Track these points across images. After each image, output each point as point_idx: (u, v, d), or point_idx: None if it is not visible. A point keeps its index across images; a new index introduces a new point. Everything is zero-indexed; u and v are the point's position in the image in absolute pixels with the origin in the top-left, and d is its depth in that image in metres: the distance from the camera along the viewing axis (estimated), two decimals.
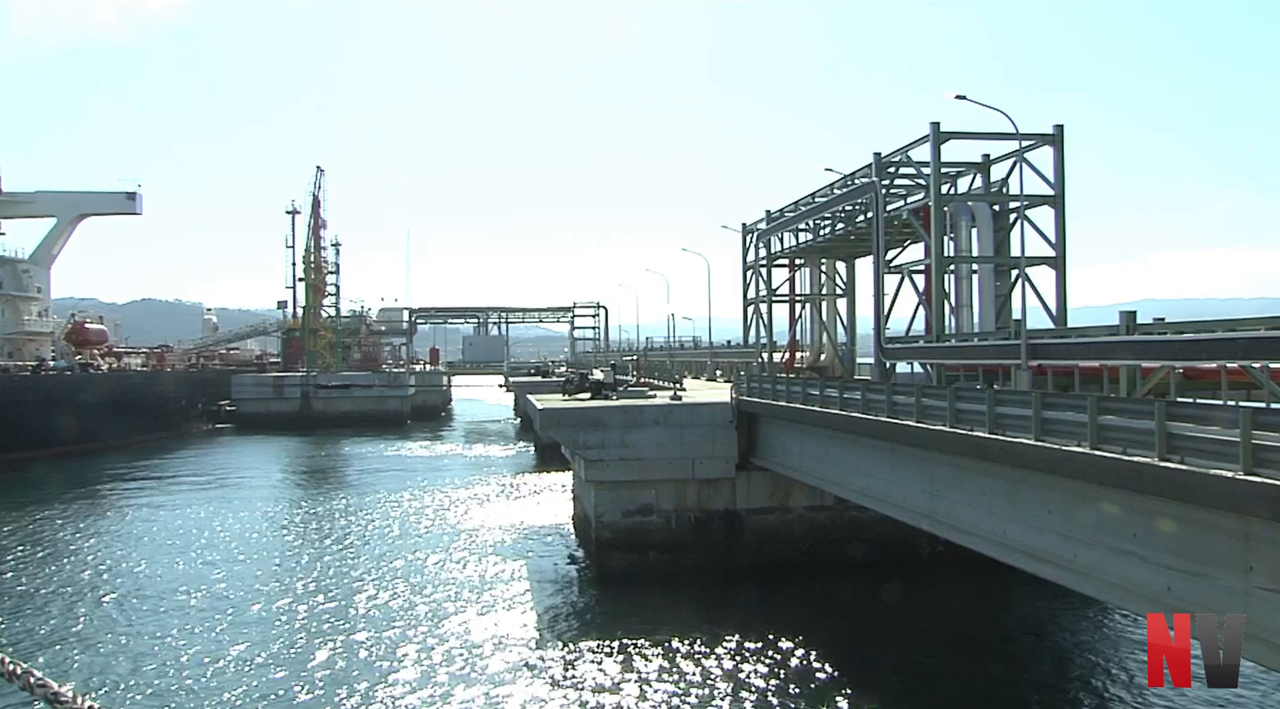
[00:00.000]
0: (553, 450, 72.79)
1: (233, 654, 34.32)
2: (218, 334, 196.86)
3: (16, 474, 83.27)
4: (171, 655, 34.54)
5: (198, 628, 37.97)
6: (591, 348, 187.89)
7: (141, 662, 33.82)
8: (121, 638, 36.92)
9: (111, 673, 32.46)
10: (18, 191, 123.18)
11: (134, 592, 44.16)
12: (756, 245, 74.44)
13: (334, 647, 35.05)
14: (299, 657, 33.98)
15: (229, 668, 32.88)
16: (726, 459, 47.46)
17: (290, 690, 30.59)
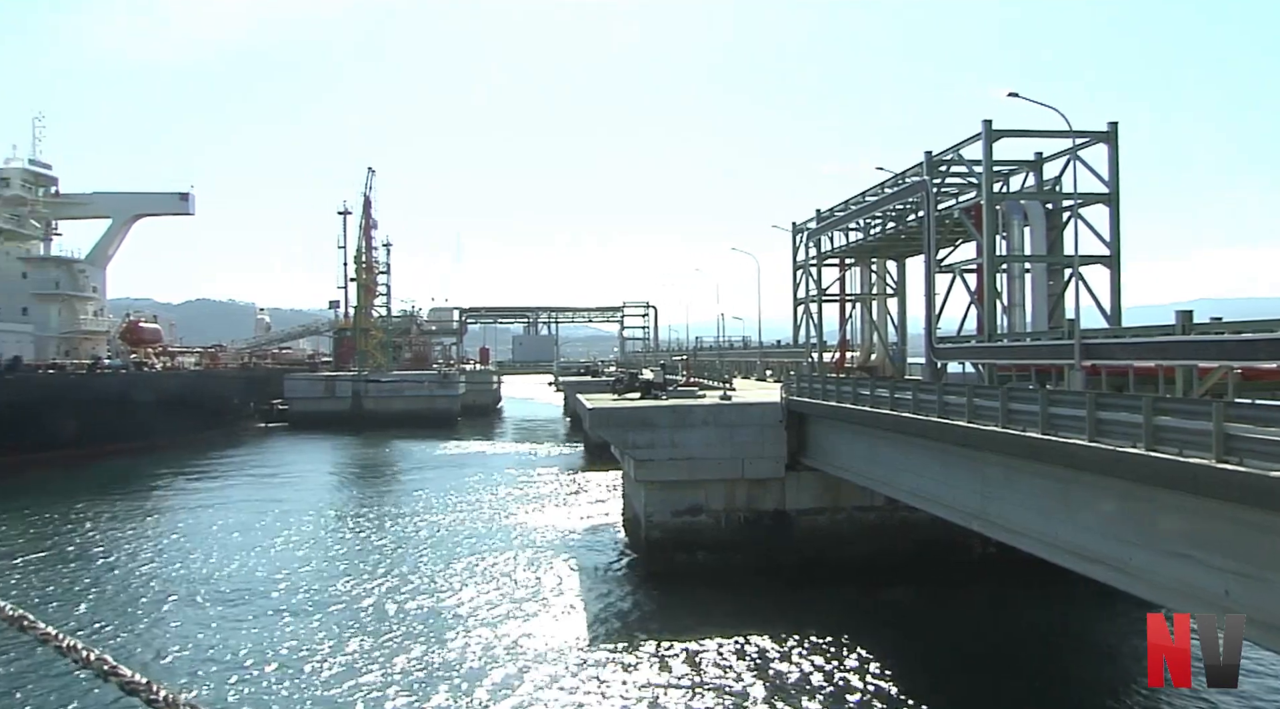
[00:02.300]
0: (602, 450, 72.89)
1: (286, 647, 34.78)
2: (270, 334, 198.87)
3: (73, 471, 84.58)
4: (230, 647, 35.09)
5: (254, 621, 38.52)
6: (641, 347, 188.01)
7: (202, 653, 34.41)
8: (181, 629, 37.66)
9: (174, 663, 32.94)
10: (74, 193, 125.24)
11: (192, 586, 44.79)
12: (806, 245, 74.25)
13: (385, 642, 35.31)
14: (351, 651, 34.22)
15: (282, 660, 33.29)
16: (776, 459, 47.30)
17: (341, 684, 30.84)
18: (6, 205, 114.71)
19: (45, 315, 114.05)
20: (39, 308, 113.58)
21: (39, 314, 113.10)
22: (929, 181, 51.69)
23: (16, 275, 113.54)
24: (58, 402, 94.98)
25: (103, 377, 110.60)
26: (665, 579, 44.28)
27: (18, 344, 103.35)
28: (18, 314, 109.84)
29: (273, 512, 64.90)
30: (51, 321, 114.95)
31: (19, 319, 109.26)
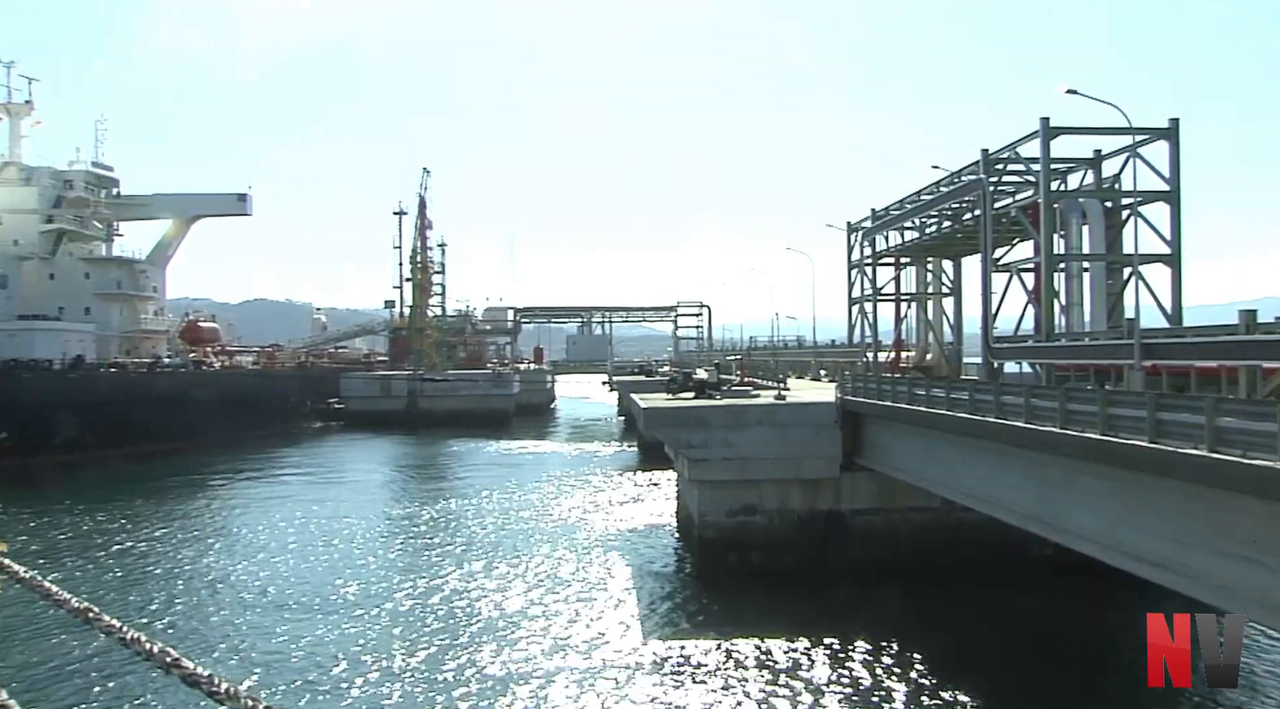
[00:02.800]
0: (656, 449, 72.87)
1: (344, 642, 35.22)
2: (327, 333, 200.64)
3: (133, 468, 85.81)
4: (289, 642, 35.65)
5: (313, 617, 39.04)
6: (695, 347, 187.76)
7: (262, 648, 34.96)
8: (241, 624, 38.32)
9: (234, 656, 33.38)
10: (135, 195, 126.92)
11: (252, 582, 45.55)
12: (861, 244, 73.80)
13: (439, 640, 35.54)
14: (405, 648, 34.48)
15: (340, 655, 33.71)
16: (831, 459, 47.07)
17: (394, 681, 31.07)
18: (70, 207, 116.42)
19: (107, 315, 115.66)
20: (101, 307, 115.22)
21: (101, 314, 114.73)
22: (985, 180, 51.21)
23: (79, 276, 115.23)
24: (119, 400, 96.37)
25: (163, 375, 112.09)
26: (719, 579, 44.20)
27: (80, 343, 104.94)
28: (80, 314, 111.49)
29: (330, 510, 65.51)
30: (113, 321, 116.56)
31: (82, 319, 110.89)
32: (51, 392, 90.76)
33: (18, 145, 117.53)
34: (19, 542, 51.95)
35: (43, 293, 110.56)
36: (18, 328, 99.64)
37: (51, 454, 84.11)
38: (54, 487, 73.56)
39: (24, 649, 33.21)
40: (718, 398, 58.42)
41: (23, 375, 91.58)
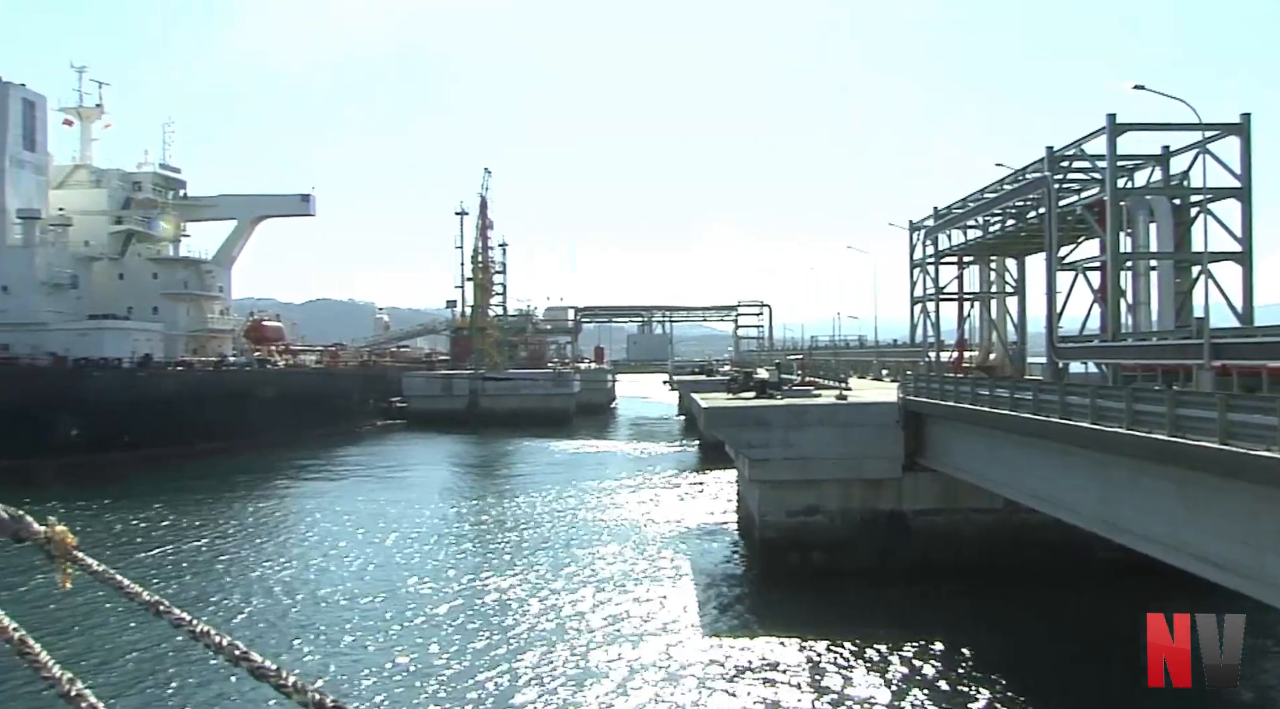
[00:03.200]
0: (717, 449, 72.80)
1: (405, 638, 35.66)
2: (389, 333, 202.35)
3: (199, 465, 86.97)
4: (352, 637, 36.14)
5: (376, 613, 39.49)
6: (755, 347, 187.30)
7: (327, 643, 35.47)
8: (305, 619, 38.91)
9: (299, 650, 33.77)
10: (201, 196, 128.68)
11: (318, 579, 46.21)
12: (924, 243, 73.21)
13: (500, 637, 35.76)
14: (465, 644, 34.78)
15: (402, 650, 34.08)
16: (892, 459, 46.77)
17: (454, 676, 31.29)
18: (139, 208, 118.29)
19: (174, 314, 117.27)
20: (168, 307, 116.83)
21: (168, 313, 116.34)
22: (1050, 177, 50.59)
23: (147, 276, 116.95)
24: (186, 398, 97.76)
25: (228, 374, 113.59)
26: (780, 579, 44.08)
27: (148, 342, 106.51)
28: (149, 313, 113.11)
29: (393, 507, 66.06)
30: (180, 320, 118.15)
31: (150, 318, 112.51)
32: (120, 390, 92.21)
33: (88, 148, 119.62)
34: (90, 535, 52.87)
35: (112, 293, 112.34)
36: (88, 327, 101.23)
37: (120, 451, 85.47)
38: (122, 483, 74.82)
39: (96, 640, 33.84)
40: (779, 397, 58.23)
41: (93, 374, 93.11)
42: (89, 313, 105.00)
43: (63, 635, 32.88)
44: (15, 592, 33.75)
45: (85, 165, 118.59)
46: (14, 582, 34.85)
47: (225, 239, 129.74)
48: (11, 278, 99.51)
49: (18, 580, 35.15)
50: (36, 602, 34.15)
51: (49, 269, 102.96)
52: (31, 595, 34.62)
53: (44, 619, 32.75)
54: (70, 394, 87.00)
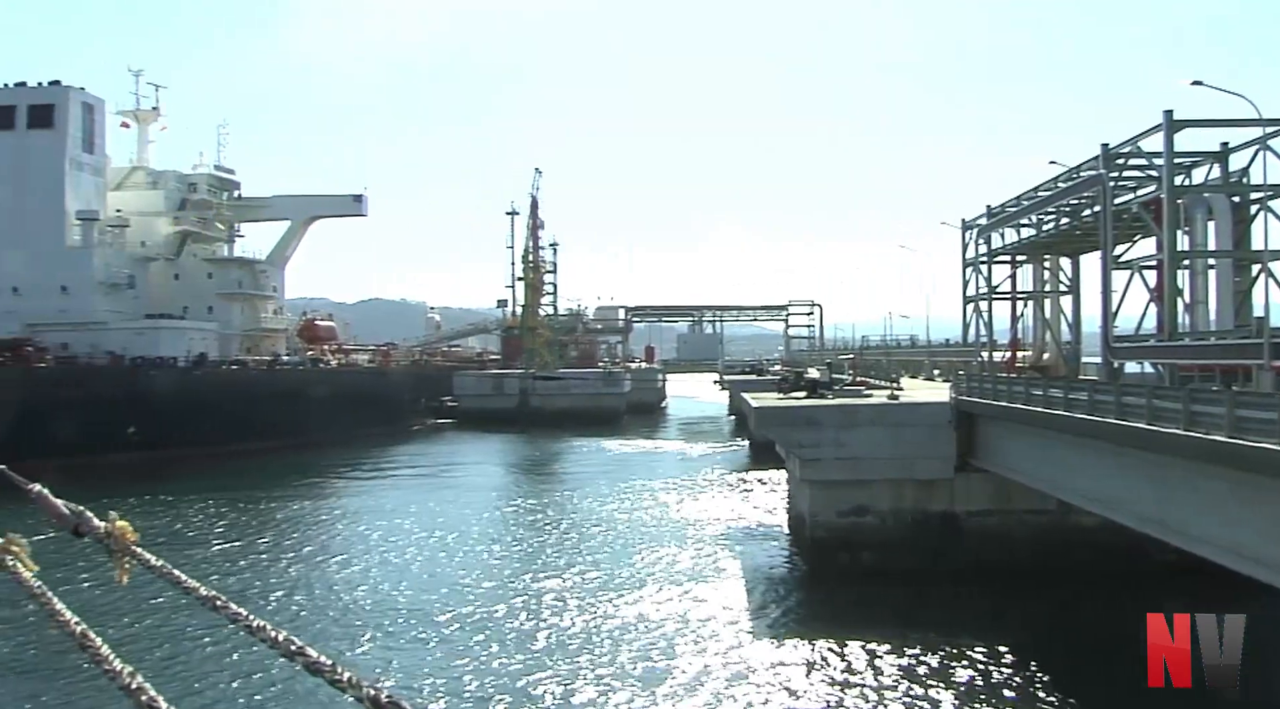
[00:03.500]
0: (767, 448, 72.62)
1: (454, 635, 35.91)
2: (440, 332, 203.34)
3: (254, 463, 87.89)
4: (403, 633, 36.50)
5: (427, 610, 39.72)
6: (806, 346, 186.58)
7: (379, 639, 35.69)
8: (359, 615, 39.25)
9: (352, 646, 34.02)
10: (255, 197, 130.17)
11: (371, 575, 46.64)
12: (976, 241, 72.60)
13: (550, 633, 35.92)
14: (516, 641, 34.94)
15: (450, 647, 34.37)
16: (944, 460, 46.43)
17: (504, 673, 31.42)
18: (194, 209, 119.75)
19: (229, 314, 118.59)
20: (223, 306, 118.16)
21: (223, 312, 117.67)
22: (1105, 175, 50.02)
23: (203, 276, 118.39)
24: (240, 397, 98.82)
25: (282, 373, 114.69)
26: (830, 579, 43.92)
27: (204, 341, 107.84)
28: (204, 313, 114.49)
29: (444, 506, 66.47)
30: (234, 320, 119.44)
31: (205, 317, 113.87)
32: (176, 388, 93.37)
33: (145, 150, 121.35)
34: (147, 531, 53.36)
35: (168, 292, 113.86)
36: (145, 326, 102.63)
37: (176, 449, 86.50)
38: (177, 480, 75.70)
39: (154, 634, 34.32)
40: (830, 397, 58.00)
41: (149, 372, 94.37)
42: (146, 312, 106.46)
43: (122, 629, 33.36)
44: (76, 586, 34.21)
45: (142, 167, 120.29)
46: (74, 577, 35.32)
47: (279, 239, 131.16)
48: (71, 278, 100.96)
49: (78, 575, 35.63)
50: (96, 596, 34.67)
51: (107, 269, 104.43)
52: (92, 590, 35.12)
53: (103, 613, 33.25)
54: (128, 393, 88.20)
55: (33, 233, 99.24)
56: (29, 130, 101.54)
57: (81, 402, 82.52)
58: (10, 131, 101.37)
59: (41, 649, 32.39)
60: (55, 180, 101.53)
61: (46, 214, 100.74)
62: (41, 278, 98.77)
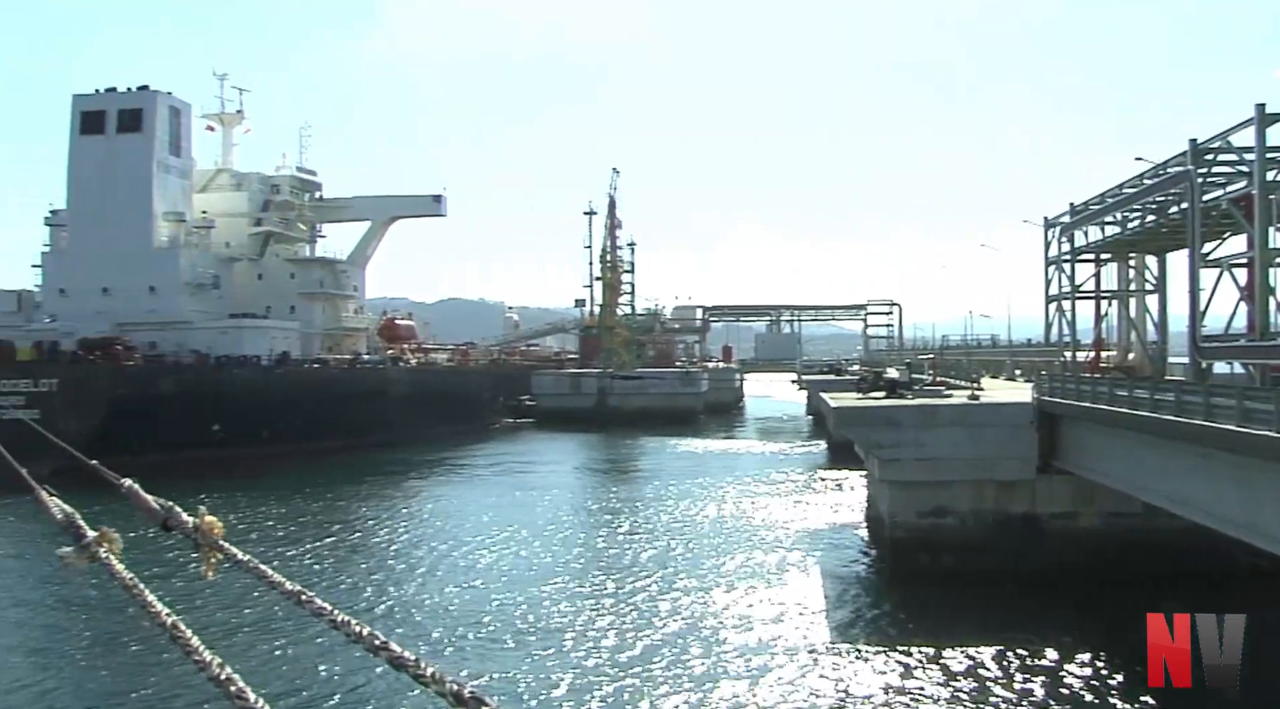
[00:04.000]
0: (846, 448, 72.16)
1: (533, 633, 36.07)
2: (518, 332, 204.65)
3: (334, 460, 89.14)
4: (484, 629, 36.84)
5: (507, 607, 40.04)
6: (885, 346, 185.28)
7: (460, 634, 36.02)
8: (440, 610, 39.67)
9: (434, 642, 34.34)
10: (336, 198, 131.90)
11: (452, 572, 47.16)
12: (1059, 240, 71.53)
13: (628, 633, 35.92)
14: (594, 639, 35.00)
15: (530, 644, 34.55)
16: (1026, 461, 45.79)
17: (583, 670, 31.53)
18: (277, 210, 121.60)
19: (310, 313, 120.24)
20: (305, 306, 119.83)
21: (305, 312, 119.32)
22: (1193, 172, 49.02)
23: (285, 276, 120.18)
24: (321, 395, 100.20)
25: (362, 372, 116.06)
26: (909, 581, 43.50)
27: (286, 340, 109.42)
28: (286, 312, 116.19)
29: (522, 504, 66.86)
30: (316, 319, 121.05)
31: (287, 317, 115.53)
32: (259, 386, 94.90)
33: (229, 153, 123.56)
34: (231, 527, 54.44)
35: (251, 292, 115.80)
36: (229, 325, 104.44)
37: (260, 446, 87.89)
38: (260, 477, 76.98)
39: (240, 627, 34.87)
40: (909, 397, 57.50)
41: (233, 371, 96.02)
42: (230, 312, 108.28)
43: (209, 622, 33.96)
44: (165, 579, 34.88)
45: (227, 169, 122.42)
46: (164, 570, 36.06)
47: (359, 239, 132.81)
48: (159, 278, 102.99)
49: (167, 569, 36.36)
50: (184, 589, 35.31)
51: (193, 270, 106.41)
52: (180, 583, 35.80)
53: (192, 606, 33.84)
54: (213, 391, 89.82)
55: (122, 234, 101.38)
56: (118, 134, 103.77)
57: (168, 399, 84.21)
58: (100, 136, 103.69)
59: (134, 639, 33.15)
60: (143, 183, 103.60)
61: (135, 216, 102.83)
62: (130, 278, 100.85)
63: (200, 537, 4.85)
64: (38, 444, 20.47)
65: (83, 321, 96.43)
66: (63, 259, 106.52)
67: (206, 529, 4.85)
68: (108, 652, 33.93)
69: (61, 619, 38.44)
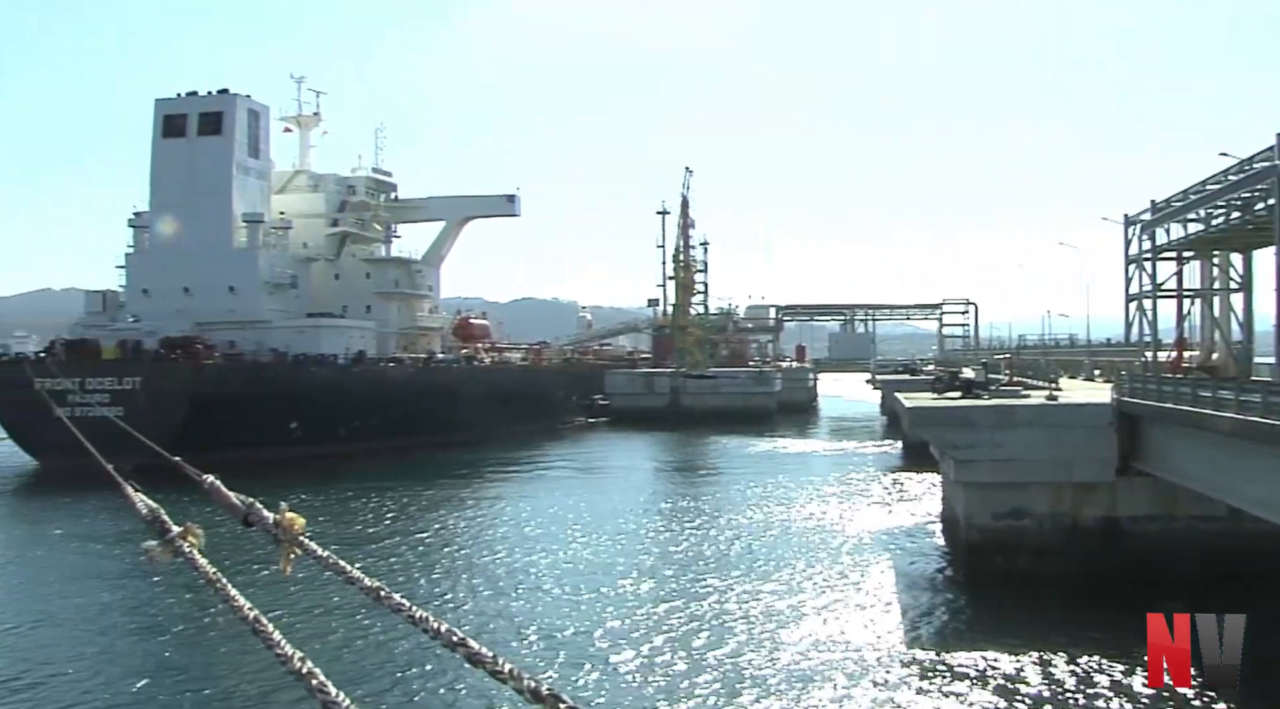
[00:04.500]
0: (920, 449, 71.58)
1: (604, 631, 36.04)
2: (591, 331, 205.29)
3: (410, 458, 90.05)
4: (558, 625, 36.84)
5: (578, 605, 40.29)
6: (960, 345, 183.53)
7: (533, 630, 36.13)
8: (514, 607, 39.89)
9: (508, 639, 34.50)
10: (411, 198, 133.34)
11: (526, 567, 47.49)
12: (1140, 237, 70.35)
13: (701, 633, 35.80)
14: (664, 638, 34.92)
15: (599, 642, 34.55)
16: (1105, 463, 45.02)
17: (652, 669, 31.56)
18: (353, 211, 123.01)
19: (386, 312, 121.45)
20: (380, 306, 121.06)
21: (380, 311, 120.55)
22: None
23: (361, 276, 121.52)
24: (397, 393, 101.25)
25: (437, 370, 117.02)
26: (984, 584, 42.98)
27: (362, 339, 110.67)
28: (362, 311, 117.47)
29: (596, 503, 67.04)
30: (391, 318, 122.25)
31: (363, 316, 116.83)
32: (336, 385, 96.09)
33: (306, 155, 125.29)
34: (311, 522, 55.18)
35: (328, 292, 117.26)
36: (306, 325, 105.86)
37: (336, 444, 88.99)
38: (340, 474, 77.91)
39: (319, 622, 35.33)
40: (985, 397, 56.86)
41: (310, 369, 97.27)
42: (307, 311, 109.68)
43: (289, 616, 34.40)
44: (246, 574, 35.39)
45: (304, 171, 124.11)
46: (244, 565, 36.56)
47: (434, 239, 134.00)
48: (238, 278, 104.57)
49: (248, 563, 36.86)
50: (264, 584, 35.80)
51: (271, 270, 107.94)
52: (260, 578, 36.29)
53: (272, 600, 34.29)
54: (290, 389, 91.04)
55: (202, 235, 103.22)
56: (199, 137, 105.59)
57: (247, 398, 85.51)
58: (182, 139, 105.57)
59: (217, 632, 33.72)
60: (223, 184, 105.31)
61: (215, 217, 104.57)
62: (210, 278, 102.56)
63: (280, 532, 4.90)
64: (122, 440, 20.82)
65: (165, 321, 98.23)
66: (145, 260, 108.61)
67: (287, 525, 4.89)
68: (190, 644, 34.52)
69: (145, 611, 39.19)
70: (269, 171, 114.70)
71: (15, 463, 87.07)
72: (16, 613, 39.40)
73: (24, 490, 78.49)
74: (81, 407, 74.45)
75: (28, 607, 40.72)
